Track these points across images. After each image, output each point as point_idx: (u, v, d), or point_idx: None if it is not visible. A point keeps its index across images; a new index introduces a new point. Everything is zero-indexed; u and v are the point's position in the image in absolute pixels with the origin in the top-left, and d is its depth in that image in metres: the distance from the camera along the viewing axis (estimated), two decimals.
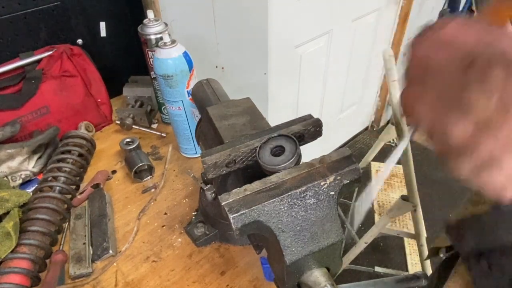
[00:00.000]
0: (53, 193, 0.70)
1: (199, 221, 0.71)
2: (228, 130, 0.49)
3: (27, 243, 0.62)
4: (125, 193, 0.81)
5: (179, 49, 0.74)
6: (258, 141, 0.41)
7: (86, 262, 0.65)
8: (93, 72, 0.96)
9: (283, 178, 0.36)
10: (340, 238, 0.37)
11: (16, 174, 0.78)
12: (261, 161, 0.38)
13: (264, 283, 0.64)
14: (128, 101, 1.01)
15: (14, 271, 0.58)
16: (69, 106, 0.90)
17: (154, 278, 0.65)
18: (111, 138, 0.93)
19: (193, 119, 0.81)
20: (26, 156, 0.77)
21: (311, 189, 0.35)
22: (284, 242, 0.35)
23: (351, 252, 1.54)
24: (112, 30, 1.04)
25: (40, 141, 0.78)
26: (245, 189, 0.35)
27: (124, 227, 0.74)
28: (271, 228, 0.35)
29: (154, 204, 0.78)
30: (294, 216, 0.35)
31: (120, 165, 0.88)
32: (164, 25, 0.84)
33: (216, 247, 0.69)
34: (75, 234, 0.70)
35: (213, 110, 0.54)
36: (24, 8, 0.88)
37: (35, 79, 0.86)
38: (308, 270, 0.38)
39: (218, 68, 1.39)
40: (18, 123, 0.80)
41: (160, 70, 0.73)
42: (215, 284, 0.64)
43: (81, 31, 0.99)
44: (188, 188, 0.82)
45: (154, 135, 0.96)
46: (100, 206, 0.75)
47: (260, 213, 0.34)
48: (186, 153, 0.89)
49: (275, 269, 0.41)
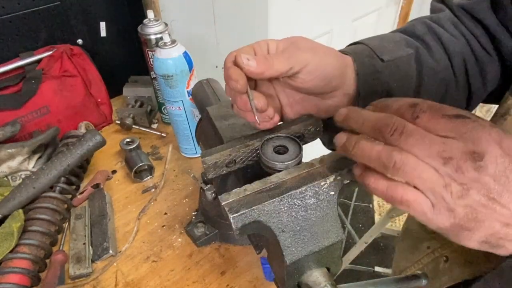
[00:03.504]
0: (53, 193, 0.70)
1: (199, 221, 0.71)
2: (228, 130, 0.49)
3: (27, 243, 0.62)
4: (125, 193, 0.81)
5: (179, 49, 0.74)
6: (258, 141, 0.41)
7: (86, 262, 0.65)
8: (93, 72, 0.96)
9: (283, 178, 0.36)
10: (340, 238, 0.37)
11: (16, 174, 0.77)
12: (264, 156, 0.38)
13: (264, 283, 0.64)
14: (128, 101, 1.01)
15: (14, 271, 0.58)
16: (69, 106, 0.90)
17: (154, 278, 0.65)
18: (111, 138, 0.93)
19: (193, 119, 0.81)
20: (26, 156, 0.77)
21: (311, 189, 0.35)
22: (284, 242, 0.35)
23: (351, 252, 1.55)
24: (112, 30, 1.04)
25: (40, 141, 0.78)
26: (245, 189, 0.35)
27: (124, 227, 0.74)
28: (271, 228, 0.35)
29: (154, 204, 0.78)
30: (294, 216, 0.35)
31: (120, 165, 0.88)
32: (164, 25, 0.84)
33: (216, 247, 0.69)
34: (75, 234, 0.70)
35: (213, 110, 0.54)
36: (24, 8, 0.88)
37: (35, 79, 0.86)
38: (308, 270, 0.38)
39: (218, 68, 1.39)
40: (18, 123, 0.80)
41: (160, 70, 0.73)
42: (215, 284, 0.64)
43: (81, 31, 0.99)
44: (188, 188, 0.82)
45: (154, 135, 0.96)
46: (100, 206, 0.75)
47: (260, 213, 0.34)
48: (186, 153, 0.89)
49: (275, 269, 0.41)
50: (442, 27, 0.50)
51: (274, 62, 0.36)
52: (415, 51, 0.47)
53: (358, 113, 0.33)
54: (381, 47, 0.45)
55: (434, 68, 0.47)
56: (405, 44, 0.47)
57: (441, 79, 0.48)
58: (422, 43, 0.49)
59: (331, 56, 0.41)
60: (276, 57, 0.37)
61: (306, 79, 0.39)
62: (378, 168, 0.30)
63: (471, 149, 0.27)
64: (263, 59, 0.36)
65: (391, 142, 0.29)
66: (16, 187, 0.67)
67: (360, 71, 0.43)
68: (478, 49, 0.49)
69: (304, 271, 0.38)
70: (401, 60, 0.45)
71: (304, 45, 0.39)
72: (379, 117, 0.31)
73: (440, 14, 0.52)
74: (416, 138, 0.28)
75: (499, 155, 0.27)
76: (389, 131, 0.29)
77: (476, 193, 0.27)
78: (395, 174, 0.29)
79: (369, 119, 0.31)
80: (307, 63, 0.38)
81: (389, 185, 0.29)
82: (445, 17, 0.51)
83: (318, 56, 0.39)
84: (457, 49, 0.49)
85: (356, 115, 0.33)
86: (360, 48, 0.46)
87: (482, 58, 0.49)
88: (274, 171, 0.38)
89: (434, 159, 0.28)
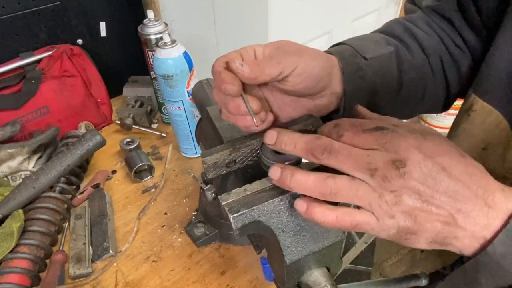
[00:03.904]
0: (53, 193, 0.70)
1: (199, 221, 0.71)
2: (228, 130, 0.49)
3: (27, 243, 0.62)
4: (125, 193, 0.81)
5: (179, 49, 0.74)
6: (258, 141, 0.41)
7: (86, 262, 0.65)
8: (93, 72, 0.96)
9: None
10: (340, 238, 0.37)
11: (16, 174, 0.77)
12: (264, 156, 0.38)
13: (264, 283, 0.64)
14: (128, 101, 1.01)
15: (14, 271, 0.58)
16: (69, 106, 0.90)
17: (154, 278, 0.65)
18: (111, 138, 0.93)
19: (193, 119, 0.81)
20: (26, 156, 0.77)
21: None
22: (284, 242, 0.35)
23: (351, 252, 1.55)
24: (112, 30, 1.04)
25: (40, 141, 0.78)
26: (245, 189, 0.35)
27: (124, 227, 0.74)
28: (271, 228, 0.35)
29: (154, 204, 0.78)
30: (294, 216, 0.35)
31: (120, 165, 0.88)
32: (164, 25, 0.84)
33: (216, 247, 0.69)
34: (75, 234, 0.70)
35: (213, 110, 0.54)
36: (24, 8, 0.88)
37: (35, 79, 0.86)
38: (308, 270, 0.38)
39: None
40: (18, 123, 0.80)
41: (160, 70, 0.73)
42: (215, 284, 0.64)
43: (81, 31, 0.99)
44: (188, 188, 0.82)
45: (154, 135, 0.96)
46: (100, 206, 0.75)
47: (260, 213, 0.34)
48: (186, 153, 0.89)
49: (275, 269, 0.41)
50: (417, 26, 0.52)
51: (265, 67, 0.37)
52: (395, 49, 0.49)
53: (288, 136, 0.34)
54: (363, 46, 0.47)
55: (413, 65, 0.50)
56: (385, 43, 0.49)
57: (420, 76, 0.50)
58: (400, 41, 0.51)
59: (318, 57, 0.41)
60: (266, 62, 0.37)
61: (295, 81, 0.39)
62: (317, 197, 0.31)
63: (393, 157, 0.29)
64: (255, 65, 0.36)
65: (323, 161, 0.31)
66: (16, 187, 0.67)
67: (345, 70, 0.44)
68: (452, 45, 0.52)
69: (304, 271, 0.38)
70: (383, 58, 0.47)
71: (290, 49, 0.40)
72: (308, 138, 0.32)
73: (413, 15, 0.55)
74: (343, 154, 0.30)
75: (421, 159, 0.29)
76: (320, 151, 0.31)
77: (408, 198, 0.29)
78: (334, 199, 0.30)
79: (300, 141, 0.33)
80: (296, 66, 0.38)
81: (337, 215, 0.30)
82: (419, 17, 0.54)
83: (305, 58, 0.39)
84: (432, 46, 0.51)
85: (286, 138, 0.34)
86: (343, 48, 0.47)
87: (456, 54, 0.52)
88: None
89: (363, 172, 0.29)
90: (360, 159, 0.30)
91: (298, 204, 0.32)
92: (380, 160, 0.29)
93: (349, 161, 0.30)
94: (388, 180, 0.29)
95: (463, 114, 0.50)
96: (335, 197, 0.30)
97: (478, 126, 0.47)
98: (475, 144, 0.48)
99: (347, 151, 0.30)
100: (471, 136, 0.49)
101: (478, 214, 0.29)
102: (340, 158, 0.30)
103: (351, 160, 0.30)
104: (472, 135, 0.49)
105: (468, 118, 0.49)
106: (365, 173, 0.29)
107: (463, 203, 0.29)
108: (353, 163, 0.30)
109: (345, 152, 0.30)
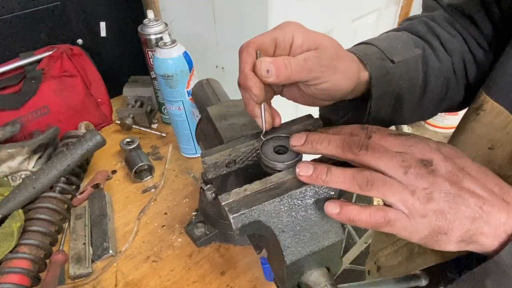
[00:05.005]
0: (53, 193, 0.70)
1: (199, 221, 0.71)
2: (228, 130, 0.49)
3: (27, 243, 0.62)
4: (125, 193, 0.81)
5: (179, 49, 0.74)
6: (258, 141, 0.41)
7: (86, 262, 0.65)
8: (93, 72, 0.96)
9: (283, 178, 0.36)
10: (340, 238, 0.37)
11: (16, 174, 0.77)
12: (264, 156, 0.38)
13: (264, 283, 0.64)
14: (128, 101, 1.01)
15: (14, 271, 0.58)
16: (69, 106, 0.90)
17: (154, 278, 0.65)
18: (111, 138, 0.93)
19: (193, 119, 0.81)
20: (26, 156, 0.77)
21: (311, 189, 0.35)
22: (284, 242, 0.35)
23: (351, 252, 1.55)
24: (112, 30, 1.04)
25: (40, 141, 0.78)
26: (245, 189, 0.35)
27: (124, 227, 0.74)
28: (271, 228, 0.35)
29: (154, 204, 0.78)
30: (294, 216, 0.35)
31: (120, 165, 0.88)
32: (164, 25, 0.84)
33: (216, 247, 0.69)
34: (75, 234, 0.70)
35: (213, 110, 0.54)
36: (24, 8, 0.88)
37: (35, 79, 0.86)
38: (308, 270, 0.38)
39: (218, 68, 1.39)
40: (18, 123, 0.80)
41: (160, 70, 0.73)
42: (215, 284, 0.64)
43: (81, 31, 0.99)
44: (188, 188, 0.82)
45: (154, 135, 0.96)
46: (100, 206, 0.75)
47: (260, 213, 0.34)
48: (186, 153, 0.89)
49: (275, 269, 0.41)
50: (440, 26, 0.51)
51: (292, 73, 0.35)
52: (422, 52, 0.47)
53: (319, 135, 0.35)
54: (390, 48, 0.45)
55: (438, 68, 0.48)
56: (413, 44, 0.48)
57: (443, 81, 0.49)
58: (426, 43, 0.49)
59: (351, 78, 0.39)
60: (296, 66, 0.35)
61: (316, 93, 0.38)
62: (353, 189, 0.32)
63: (421, 157, 0.32)
64: (283, 69, 0.35)
65: (359, 157, 0.32)
66: (16, 187, 0.67)
67: (373, 74, 0.42)
68: (475, 47, 0.50)
69: (304, 271, 0.38)
70: (410, 61, 0.46)
71: (327, 55, 0.37)
72: (343, 136, 0.34)
73: (435, 13, 0.53)
74: (380, 151, 0.32)
75: (442, 159, 0.32)
76: (357, 147, 0.32)
77: (439, 195, 0.30)
78: (369, 191, 0.32)
79: (334, 139, 0.34)
80: (324, 81, 0.37)
81: (370, 212, 0.32)
82: (440, 16, 0.53)
83: (339, 77, 0.38)
84: (455, 48, 0.50)
85: (318, 137, 0.35)
86: (370, 50, 0.45)
87: (478, 56, 0.50)
88: (274, 171, 0.38)
89: (397, 170, 0.31)
90: (394, 157, 0.32)
91: (330, 206, 0.33)
92: (411, 160, 0.31)
93: (386, 158, 0.32)
94: (421, 177, 0.31)
95: (471, 112, 0.49)
96: (371, 189, 0.31)
97: (486, 126, 0.47)
98: (481, 143, 0.47)
99: (383, 149, 0.32)
100: (477, 135, 0.48)
101: (499, 209, 0.31)
102: (376, 154, 0.32)
103: (387, 157, 0.32)
104: (479, 134, 0.48)
105: (477, 117, 0.48)
106: (399, 170, 0.31)
107: (485, 198, 0.31)
108: (389, 160, 0.32)
109: (382, 149, 0.32)
